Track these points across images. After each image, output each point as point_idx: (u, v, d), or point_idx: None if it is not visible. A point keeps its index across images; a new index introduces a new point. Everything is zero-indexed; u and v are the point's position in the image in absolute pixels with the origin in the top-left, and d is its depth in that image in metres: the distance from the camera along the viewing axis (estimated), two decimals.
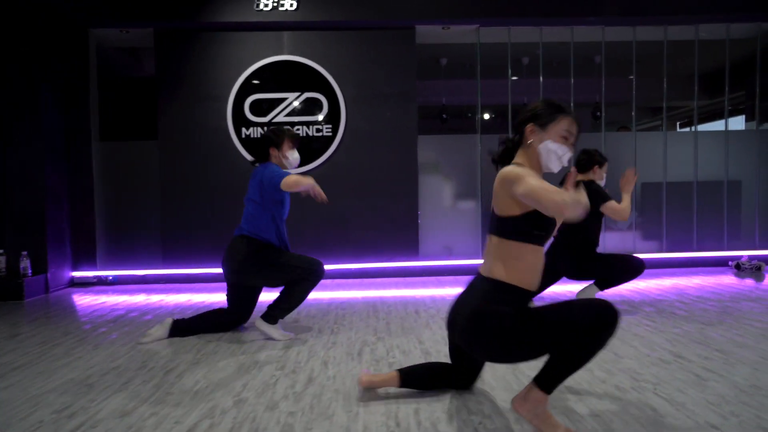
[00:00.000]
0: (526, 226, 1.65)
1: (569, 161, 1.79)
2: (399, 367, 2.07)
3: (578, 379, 2.16)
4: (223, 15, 4.71)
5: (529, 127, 1.72)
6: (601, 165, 3.45)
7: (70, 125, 4.78)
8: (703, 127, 6.11)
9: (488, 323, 1.62)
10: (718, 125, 5.69)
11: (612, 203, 3.26)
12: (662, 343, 2.69)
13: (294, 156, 2.95)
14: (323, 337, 2.93)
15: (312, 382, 2.19)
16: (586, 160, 3.42)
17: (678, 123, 8.42)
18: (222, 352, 2.66)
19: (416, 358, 2.51)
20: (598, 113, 5.32)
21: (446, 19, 4.86)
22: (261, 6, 4.69)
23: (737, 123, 6.01)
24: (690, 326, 3.00)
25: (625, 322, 3.13)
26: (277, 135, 2.88)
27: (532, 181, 1.54)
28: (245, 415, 1.87)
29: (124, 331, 3.13)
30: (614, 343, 2.67)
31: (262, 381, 2.22)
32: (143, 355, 2.62)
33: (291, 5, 4.70)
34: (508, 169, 1.64)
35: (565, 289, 4.12)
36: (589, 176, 3.43)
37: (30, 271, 4.23)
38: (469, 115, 6.35)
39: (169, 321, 2.87)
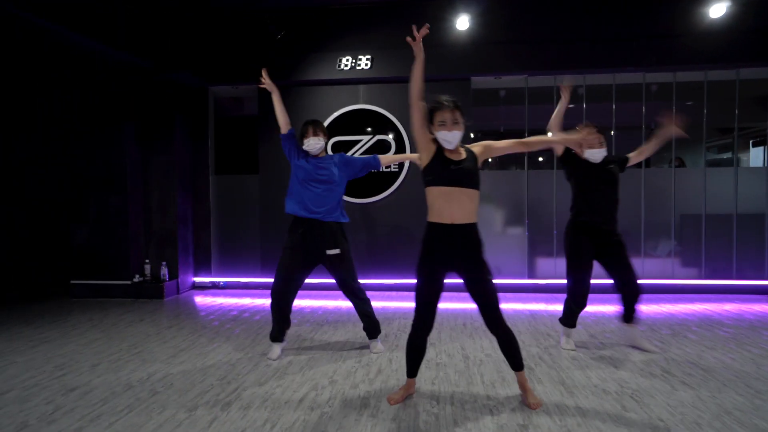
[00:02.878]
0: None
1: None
2: (437, 367, 2.94)
3: (576, 383, 2.93)
4: (312, 74, 5.80)
5: (426, 123, 2.54)
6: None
7: (195, 162, 6.09)
8: (755, 155, 6.35)
9: None
10: None
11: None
12: (659, 361, 3.35)
13: (310, 143, 3.44)
14: (389, 340, 3.86)
15: (381, 373, 3.12)
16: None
17: (751, 141, 8.53)
18: (316, 348, 3.67)
19: (458, 360, 3.36)
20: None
21: (497, 72, 5.65)
22: (342, 66, 5.73)
23: None
24: (692, 349, 3.61)
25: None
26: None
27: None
28: (337, 391, 2.83)
29: (243, 328, 4.25)
30: (617, 358, 3.38)
31: (346, 370, 3.18)
32: (262, 347, 3.68)
33: (366, 65, 5.71)
34: None
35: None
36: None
37: (167, 277, 5.55)
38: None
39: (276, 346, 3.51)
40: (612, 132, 5.81)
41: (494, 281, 2.58)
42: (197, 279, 6.10)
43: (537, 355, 3.48)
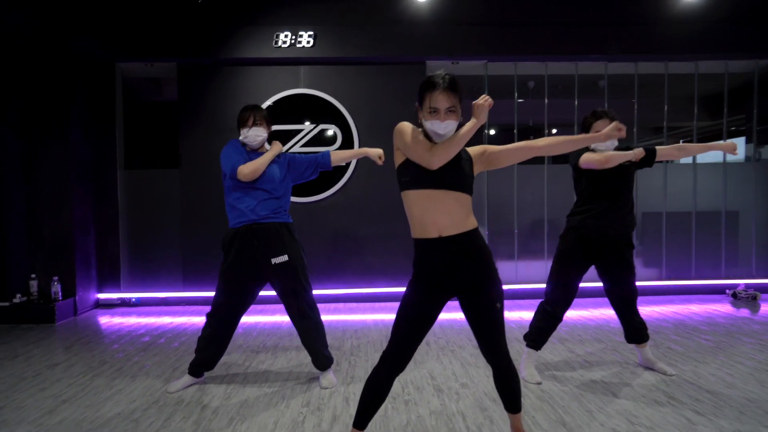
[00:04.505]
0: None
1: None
2: (406, 407, 2.28)
3: (579, 422, 2.38)
4: (244, 51, 4.96)
5: (416, 107, 1.90)
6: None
7: (97, 155, 5.03)
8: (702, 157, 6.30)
9: None
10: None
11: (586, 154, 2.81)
12: (657, 383, 2.89)
13: (249, 134, 2.80)
14: (342, 370, 3.15)
15: (337, 420, 2.41)
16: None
17: (681, 141, 8.64)
18: (249, 385, 2.89)
19: (429, 395, 2.72)
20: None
21: (455, 56, 5.10)
22: (279, 43, 4.93)
23: (739, 143, 6.16)
24: (684, 365, 3.20)
25: (620, 356, 3.35)
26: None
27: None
28: None
29: (156, 361, 3.36)
30: (612, 382, 2.89)
31: (291, 419, 2.44)
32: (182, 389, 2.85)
33: (308, 42, 4.95)
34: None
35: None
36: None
37: (60, 295, 4.48)
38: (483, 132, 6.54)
39: (187, 377, 2.88)
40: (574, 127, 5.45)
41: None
42: (102, 296, 5.04)
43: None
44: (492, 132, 6.01)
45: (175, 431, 2.31)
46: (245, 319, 4.48)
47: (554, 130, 5.90)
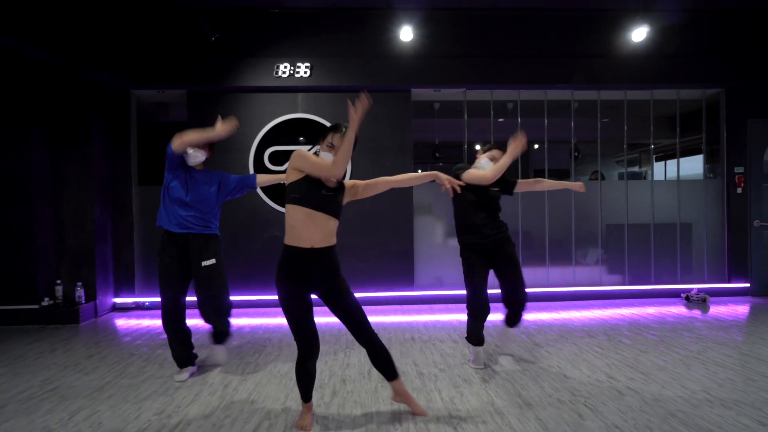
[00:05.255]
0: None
1: None
2: None
3: (532, 394, 2.95)
4: (247, 80, 5.53)
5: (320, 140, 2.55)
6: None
7: (114, 172, 5.55)
8: (672, 164, 6.92)
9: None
10: (687, 161, 6.52)
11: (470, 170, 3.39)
12: (602, 366, 3.48)
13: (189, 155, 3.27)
14: (339, 359, 3.69)
15: (336, 395, 2.96)
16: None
17: (654, 156, 9.33)
18: (261, 370, 3.42)
19: (413, 377, 3.28)
20: (576, 154, 6.14)
21: (437, 85, 5.72)
22: (279, 73, 5.52)
23: (697, 161, 6.77)
24: (628, 353, 3.80)
25: (578, 348, 3.93)
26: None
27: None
28: (291, 419, 2.63)
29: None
30: (565, 366, 3.47)
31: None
32: (205, 373, 3.37)
33: (305, 72, 5.54)
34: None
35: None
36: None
37: (83, 298, 4.97)
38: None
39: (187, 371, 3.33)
40: (545, 145, 6.09)
41: (437, 293, 2.51)
42: (118, 300, 5.54)
43: (490, 368, 3.49)
44: (477, 147, 6.61)
45: (204, 404, 2.84)
46: (251, 321, 5.02)
47: (536, 146, 6.49)
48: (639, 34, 5.10)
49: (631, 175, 6.65)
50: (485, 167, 3.45)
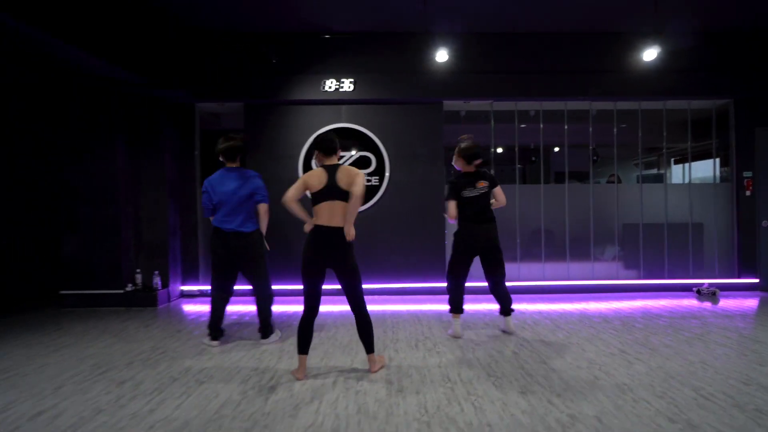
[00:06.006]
0: None
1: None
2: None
3: (556, 363, 3.56)
4: (297, 94, 6.24)
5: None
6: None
7: (181, 174, 6.31)
8: (679, 172, 7.45)
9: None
10: (700, 164, 7.02)
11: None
12: (616, 344, 4.06)
13: None
14: (388, 334, 4.34)
15: (392, 360, 3.61)
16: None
17: (672, 159, 9.78)
18: (324, 340, 4.09)
19: (455, 347, 3.91)
20: (595, 158, 6.70)
21: (467, 97, 6.35)
22: (326, 87, 6.21)
23: (708, 165, 7.24)
24: (639, 334, 4.36)
25: (595, 331, 4.50)
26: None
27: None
28: (359, 376, 3.29)
29: (248, 330, 4.58)
30: (584, 344, 4.05)
31: (319, 356, 3.64)
32: (283, 344, 4.06)
33: (349, 87, 6.22)
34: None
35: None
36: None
37: (160, 285, 5.73)
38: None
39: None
40: (566, 148, 6.66)
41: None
42: (185, 288, 6.29)
43: (515, 348, 4.10)
44: (500, 150, 7.21)
45: (289, 364, 3.52)
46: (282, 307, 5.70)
47: (556, 149, 7.05)
48: (650, 54, 5.63)
49: (650, 177, 7.16)
50: None
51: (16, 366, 3.53)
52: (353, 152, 6.39)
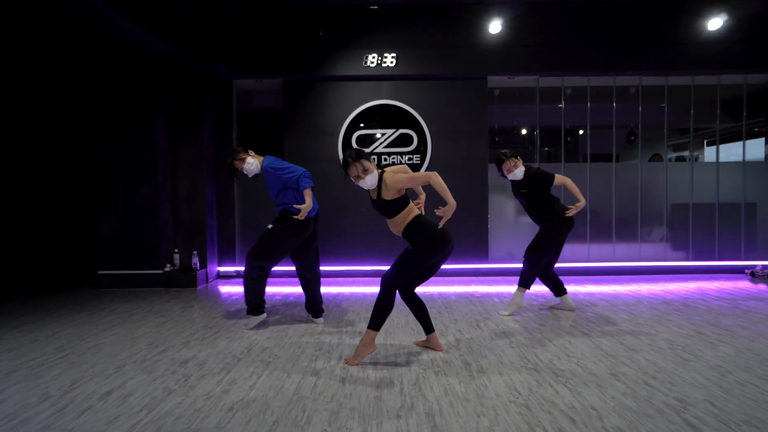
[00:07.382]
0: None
1: None
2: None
3: (633, 344, 3.36)
4: (338, 69, 6.01)
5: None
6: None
7: (218, 153, 6.14)
8: (726, 147, 7.10)
9: None
10: (737, 146, 6.73)
11: None
12: (688, 325, 3.85)
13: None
14: (444, 315, 4.17)
15: (459, 342, 3.44)
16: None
17: (705, 141, 9.45)
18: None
19: (511, 322, 3.73)
20: (633, 138, 6.43)
21: (512, 72, 6.08)
22: (368, 63, 5.97)
23: (758, 144, 6.94)
24: (708, 316, 4.15)
25: (659, 312, 4.29)
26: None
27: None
28: (420, 353, 3.12)
29: (284, 310, 4.43)
30: (654, 325, 3.85)
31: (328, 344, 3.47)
32: (339, 323, 3.91)
33: (391, 62, 5.98)
34: None
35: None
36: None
37: (198, 265, 5.59)
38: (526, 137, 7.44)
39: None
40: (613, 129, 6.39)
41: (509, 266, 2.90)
42: (221, 268, 6.16)
43: (571, 329, 3.91)
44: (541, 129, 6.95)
45: (323, 340, 3.36)
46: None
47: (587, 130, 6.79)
48: (715, 23, 5.31)
49: (681, 159, 6.88)
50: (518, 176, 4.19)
51: (70, 345, 3.41)
52: (393, 129, 6.17)
